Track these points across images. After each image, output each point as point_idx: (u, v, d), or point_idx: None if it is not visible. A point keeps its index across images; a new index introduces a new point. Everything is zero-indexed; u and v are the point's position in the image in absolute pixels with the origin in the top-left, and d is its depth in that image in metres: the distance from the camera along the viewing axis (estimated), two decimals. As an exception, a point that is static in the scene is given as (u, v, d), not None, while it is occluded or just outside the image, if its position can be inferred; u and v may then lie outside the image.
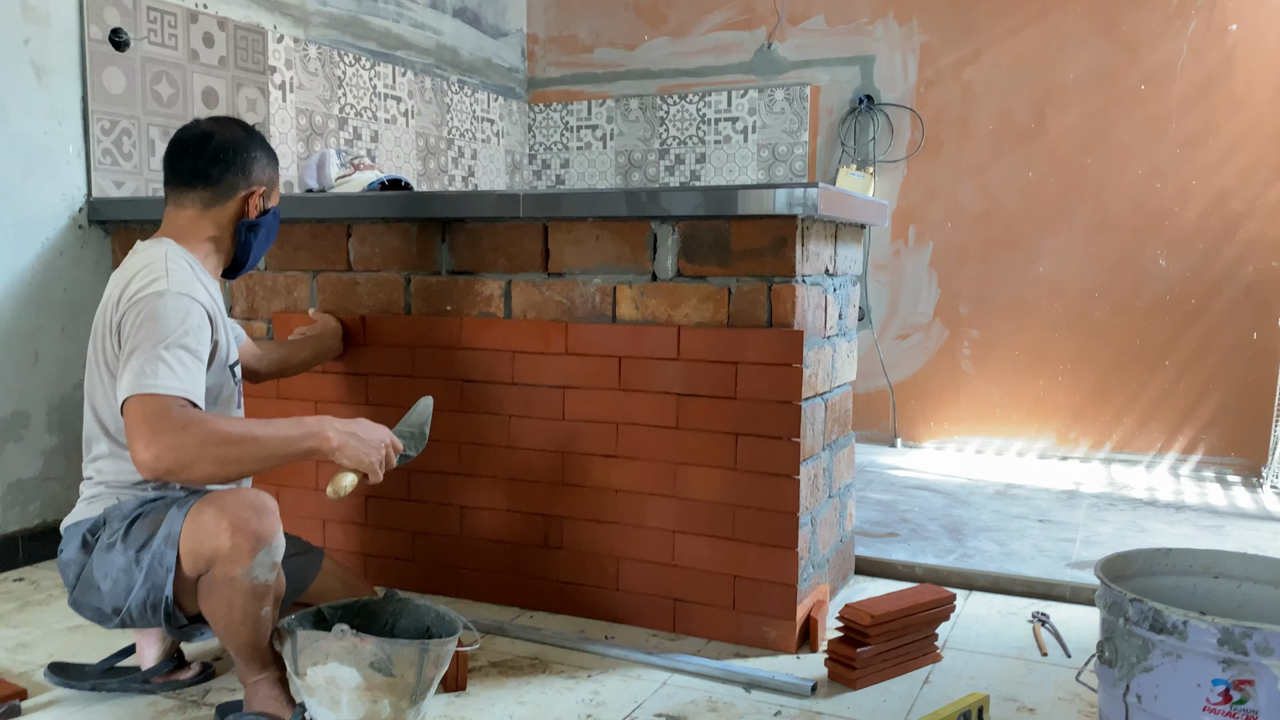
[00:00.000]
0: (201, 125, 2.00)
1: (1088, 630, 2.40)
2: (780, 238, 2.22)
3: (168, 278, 1.81)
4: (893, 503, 3.54)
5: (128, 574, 1.78)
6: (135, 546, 1.78)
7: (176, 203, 1.98)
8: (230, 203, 1.97)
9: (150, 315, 1.75)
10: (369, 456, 1.83)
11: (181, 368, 1.72)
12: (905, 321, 4.63)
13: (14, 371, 2.85)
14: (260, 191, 2.00)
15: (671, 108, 4.99)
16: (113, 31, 3.03)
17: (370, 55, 4.14)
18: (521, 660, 2.21)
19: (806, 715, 1.96)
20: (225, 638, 1.80)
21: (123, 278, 1.87)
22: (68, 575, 1.89)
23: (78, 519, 1.90)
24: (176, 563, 1.75)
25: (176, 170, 1.97)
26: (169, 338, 1.74)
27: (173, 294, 1.79)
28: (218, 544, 1.71)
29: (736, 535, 2.30)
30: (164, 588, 1.76)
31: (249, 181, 1.98)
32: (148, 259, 1.87)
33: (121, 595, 1.80)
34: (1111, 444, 4.32)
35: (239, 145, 1.97)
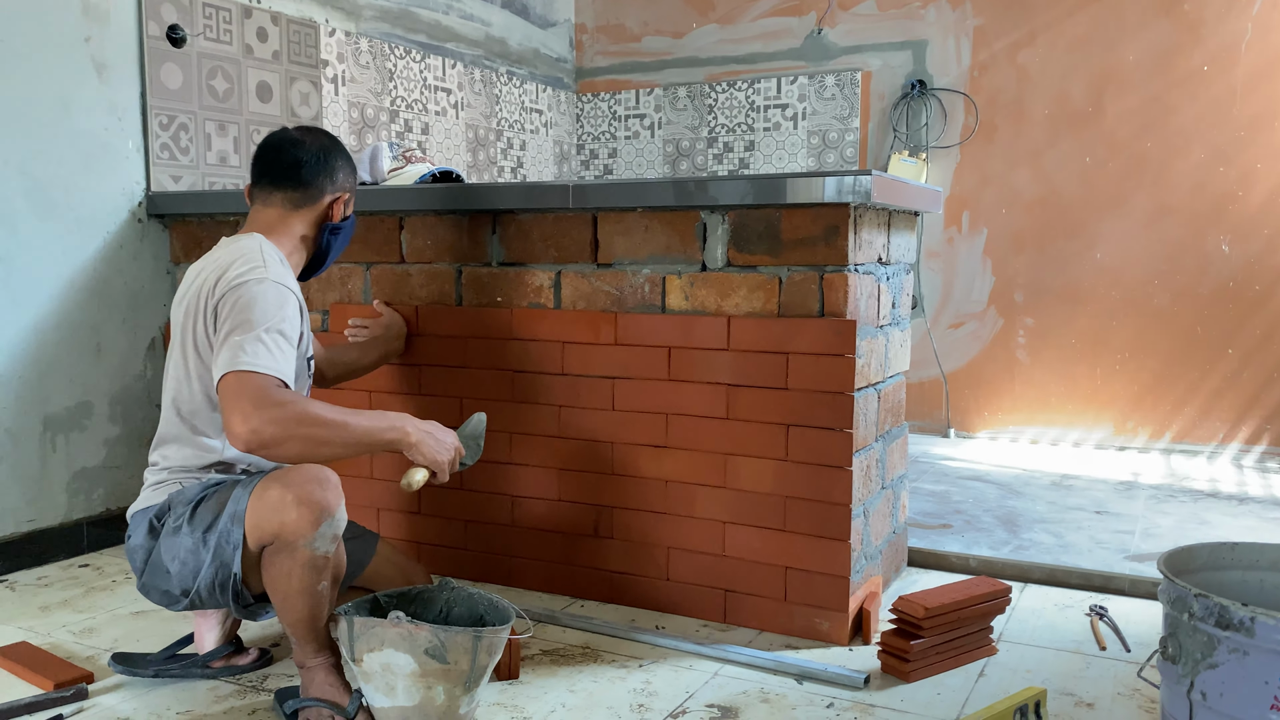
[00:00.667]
0: (293, 132, 2.08)
1: (1147, 624, 2.35)
2: (832, 226, 2.20)
3: (266, 267, 1.89)
4: (946, 494, 3.50)
5: (195, 555, 1.83)
6: (202, 528, 1.83)
7: (264, 201, 2.05)
8: (318, 205, 2.06)
9: (251, 300, 1.82)
10: (441, 455, 1.91)
11: (279, 351, 1.79)
12: (959, 310, 4.57)
13: (78, 363, 2.92)
14: (344, 198, 2.09)
15: (720, 95, 4.96)
16: (170, 28, 3.09)
17: (420, 48, 4.17)
18: (573, 649, 2.23)
19: (859, 707, 1.94)
20: (283, 612, 1.83)
21: (216, 267, 1.92)
22: (135, 561, 1.93)
23: (143, 505, 1.95)
24: (243, 539, 1.79)
25: (267, 169, 2.05)
26: (268, 322, 1.80)
27: (272, 282, 1.86)
28: (284, 517, 1.76)
29: (788, 526, 2.29)
30: (231, 565, 1.81)
31: (335, 187, 2.08)
32: (243, 249, 1.94)
33: (190, 576, 1.84)
34: (1171, 434, 4.23)
35: (328, 152, 2.07)
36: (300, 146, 2.04)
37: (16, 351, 2.76)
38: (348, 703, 1.82)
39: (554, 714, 1.91)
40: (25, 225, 2.76)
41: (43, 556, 2.83)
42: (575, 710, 1.93)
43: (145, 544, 1.91)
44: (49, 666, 2.06)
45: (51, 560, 2.85)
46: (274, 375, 1.75)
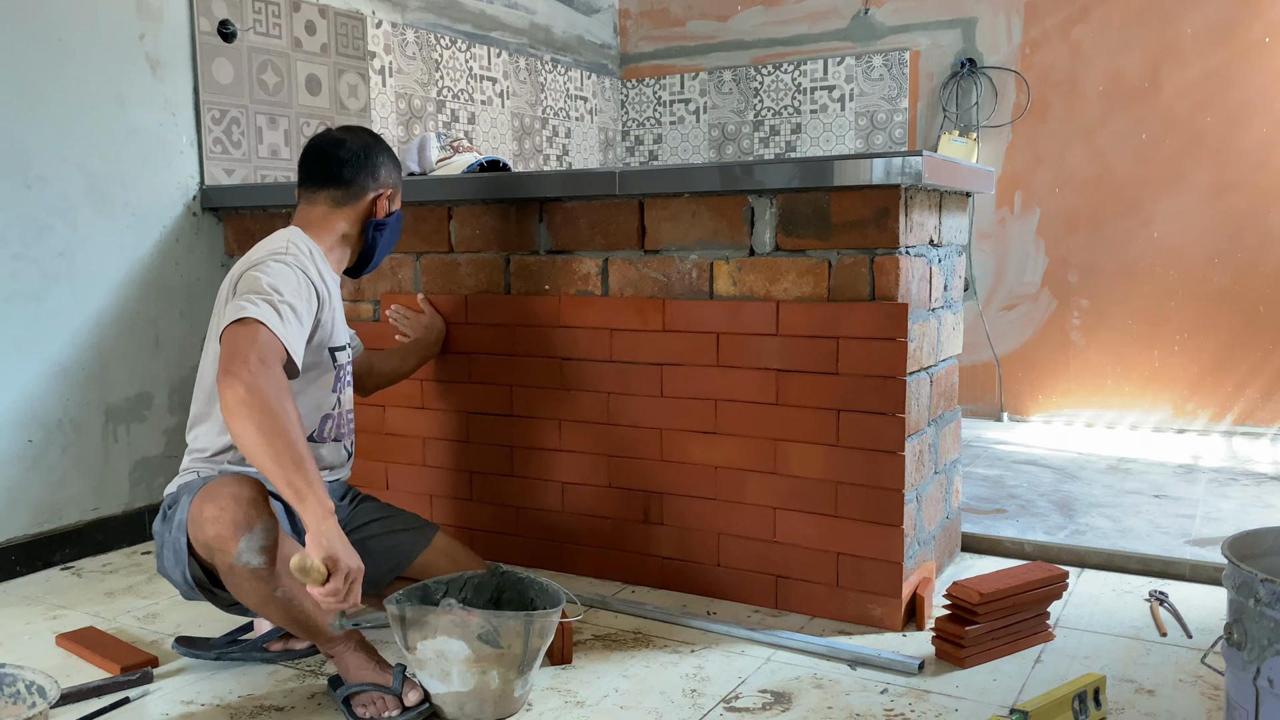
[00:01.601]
0: (334, 132, 2.13)
1: (1209, 610, 2.31)
2: (882, 208, 2.17)
3: (287, 253, 1.95)
4: (1000, 478, 3.46)
5: (173, 549, 1.88)
6: (174, 524, 1.88)
7: (309, 201, 2.10)
8: (361, 203, 2.10)
9: (265, 272, 1.86)
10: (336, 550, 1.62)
11: (287, 319, 1.80)
12: (1011, 292, 4.50)
13: (137, 354, 2.98)
14: (388, 194, 2.12)
15: (766, 78, 4.92)
16: (220, 23, 3.13)
17: (466, 37, 4.19)
18: (625, 634, 2.23)
19: (914, 693, 1.93)
20: (265, 618, 1.86)
21: (245, 259, 1.98)
22: (156, 544, 1.98)
23: (169, 490, 2.01)
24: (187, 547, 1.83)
25: (311, 171, 2.10)
26: (280, 292, 1.82)
27: (291, 262, 1.91)
28: (206, 534, 1.74)
29: (839, 512, 2.27)
30: (187, 569, 1.85)
31: (378, 184, 2.11)
32: (272, 241, 2.01)
33: (178, 568, 1.88)
34: (1233, 416, 4.13)
35: (369, 150, 2.10)
36: (341, 146, 2.08)
37: (79, 343, 2.82)
38: (391, 682, 1.85)
39: (607, 698, 1.92)
40: (85, 220, 2.82)
41: (107, 544, 2.90)
42: (628, 694, 1.94)
43: (159, 529, 1.95)
44: (115, 650, 2.12)
45: (115, 547, 2.92)
46: (277, 333, 1.75)
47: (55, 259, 2.76)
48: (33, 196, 2.69)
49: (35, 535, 2.74)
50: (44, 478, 2.77)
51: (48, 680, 1.63)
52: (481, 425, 2.72)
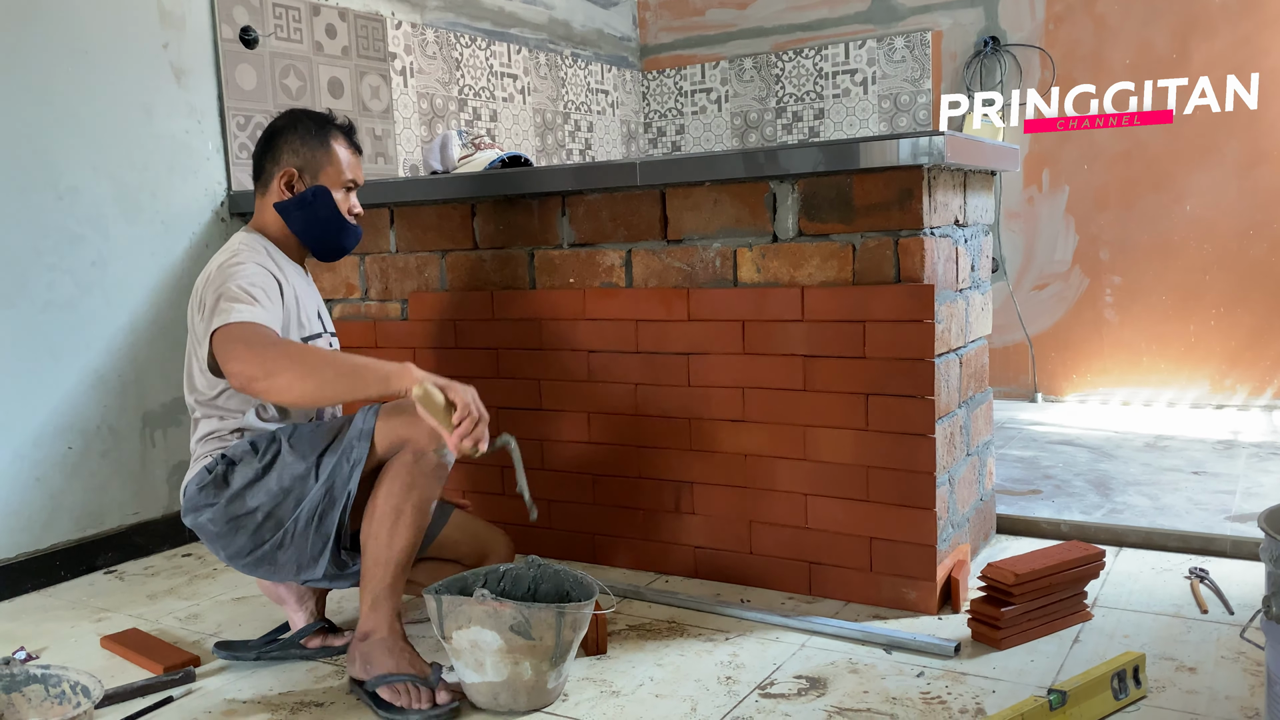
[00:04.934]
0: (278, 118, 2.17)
1: (1251, 586, 2.28)
2: (906, 190, 2.15)
3: (237, 255, 2.00)
4: (1034, 459, 3.42)
5: (303, 481, 1.91)
6: (315, 452, 1.92)
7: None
8: (271, 188, 2.11)
9: (224, 278, 1.92)
10: (462, 394, 1.76)
11: (258, 304, 1.87)
12: (1042, 271, 4.45)
13: (171, 360, 3.02)
14: (290, 173, 2.08)
15: (787, 64, 4.90)
16: (242, 30, 3.16)
17: (485, 35, 4.20)
18: (659, 624, 2.24)
19: (951, 675, 1.92)
20: (391, 540, 1.87)
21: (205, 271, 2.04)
22: (210, 526, 1.98)
23: (192, 475, 2.03)
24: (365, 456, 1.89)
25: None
26: (242, 286, 1.89)
27: (245, 258, 1.98)
28: (416, 430, 1.85)
29: (871, 497, 2.26)
30: (348, 484, 1.89)
31: (278, 165, 2.10)
32: (224, 249, 2.07)
33: (291, 505, 1.92)
34: (1273, 390, 4.07)
35: (274, 132, 2.11)
36: (261, 136, 2.14)
37: (115, 351, 2.87)
38: (429, 673, 1.86)
39: (642, 687, 1.93)
40: (116, 229, 2.86)
41: (148, 547, 2.94)
42: (663, 683, 1.94)
43: (211, 502, 1.95)
44: (158, 651, 2.15)
45: (156, 551, 2.97)
46: (259, 321, 1.83)
47: (89, 268, 2.80)
48: (64, 207, 2.74)
49: (78, 540, 2.79)
50: (85, 484, 2.81)
51: (91, 680, 1.67)
52: (510, 420, 2.73)
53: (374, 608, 1.90)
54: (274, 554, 1.97)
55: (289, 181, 2.08)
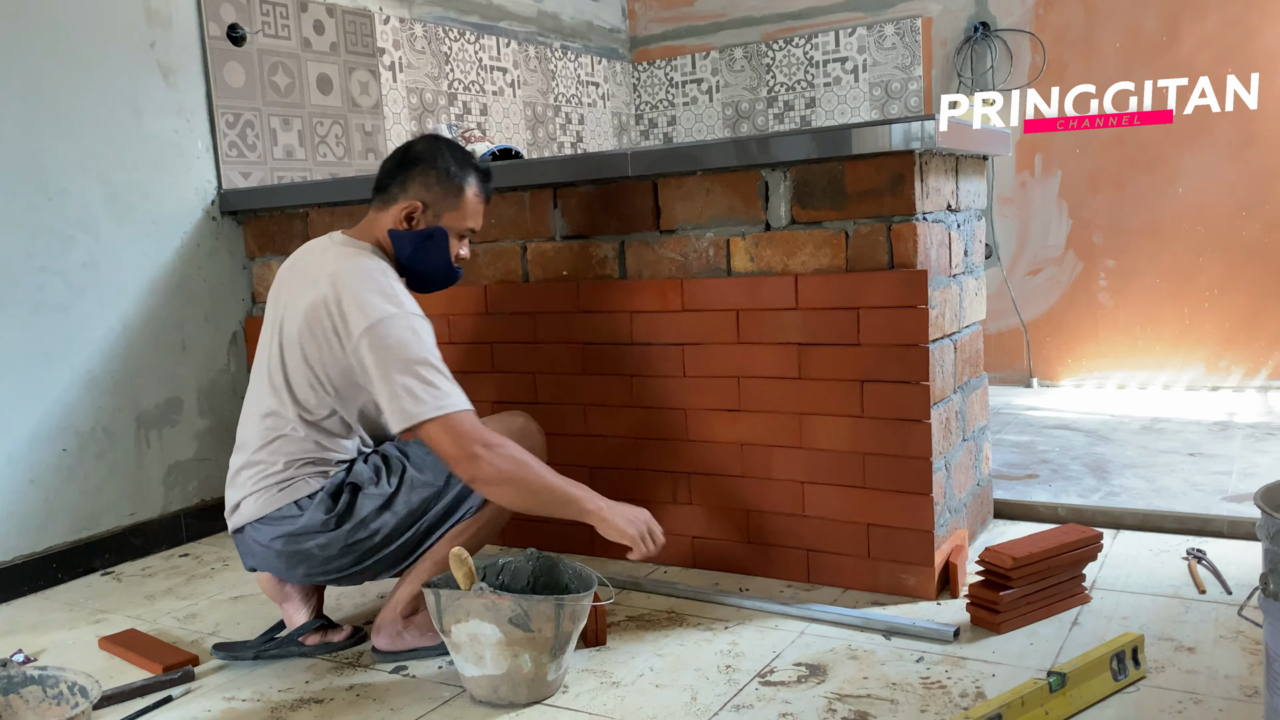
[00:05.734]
0: (419, 142, 2.13)
1: (1249, 566, 2.28)
2: (897, 175, 2.15)
3: (394, 291, 1.97)
4: (1031, 444, 3.43)
5: (432, 501, 2.02)
6: (444, 474, 2.01)
7: (370, 204, 2.13)
8: (390, 211, 2.08)
9: (406, 332, 1.91)
10: (631, 529, 1.97)
11: (453, 381, 1.93)
12: (1035, 256, 4.45)
13: (165, 360, 3.01)
14: (413, 207, 2.05)
15: (777, 53, 4.89)
16: (230, 27, 3.15)
17: (474, 28, 4.19)
18: (658, 614, 2.24)
19: (950, 660, 1.92)
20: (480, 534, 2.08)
21: (334, 283, 1.96)
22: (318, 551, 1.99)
23: (274, 508, 1.99)
24: None
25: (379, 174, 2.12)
26: (435, 356, 1.93)
27: (414, 313, 1.96)
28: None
29: (868, 483, 2.26)
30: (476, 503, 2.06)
31: (405, 193, 2.06)
32: (364, 273, 1.98)
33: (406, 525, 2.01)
34: (1268, 371, 4.07)
35: (413, 158, 2.07)
36: (394, 151, 2.11)
37: (108, 352, 2.86)
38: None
39: (642, 677, 1.93)
40: (107, 230, 2.85)
41: (145, 548, 2.94)
42: (663, 673, 1.94)
43: (331, 526, 1.98)
44: (157, 651, 2.15)
45: (154, 551, 2.96)
46: (469, 409, 1.90)
47: (80, 270, 2.79)
48: (54, 209, 2.73)
49: (75, 542, 2.78)
50: (80, 485, 2.81)
51: (89, 681, 1.66)
52: (507, 414, 2.72)
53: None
54: (369, 569, 2.04)
55: (410, 214, 2.06)
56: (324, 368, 1.98)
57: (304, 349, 1.99)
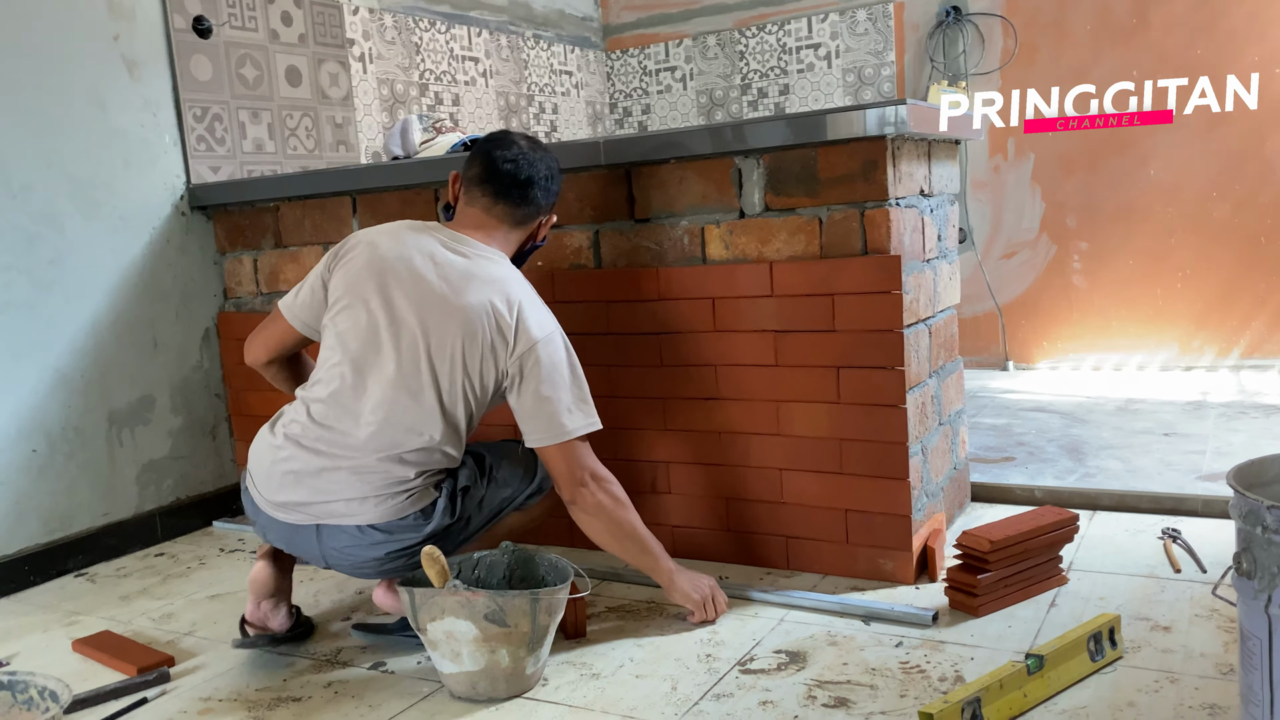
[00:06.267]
0: (526, 147, 2.08)
1: (1223, 544, 2.30)
2: (870, 161, 2.15)
3: (547, 312, 2.02)
4: (1007, 427, 3.44)
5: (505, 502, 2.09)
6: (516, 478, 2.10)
7: (488, 210, 2.06)
8: (531, 225, 2.12)
9: (562, 360, 1.97)
10: (695, 594, 2.09)
11: (593, 409, 2.01)
12: (1010, 239, 4.47)
13: (136, 358, 2.98)
14: (552, 219, 2.18)
15: (750, 40, 4.87)
16: (195, 20, 3.10)
17: (445, 18, 4.15)
18: (638, 604, 2.23)
19: (929, 644, 1.93)
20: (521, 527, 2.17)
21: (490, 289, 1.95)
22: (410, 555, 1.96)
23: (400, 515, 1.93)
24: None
25: (505, 182, 2.04)
26: (581, 380, 2.00)
27: (561, 332, 2.01)
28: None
29: (845, 469, 2.26)
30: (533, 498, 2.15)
31: (550, 211, 2.15)
32: (521, 283, 2.02)
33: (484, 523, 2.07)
34: (1240, 350, 4.11)
35: (554, 177, 2.11)
36: (535, 168, 2.06)
37: (77, 350, 2.82)
38: None
39: (622, 669, 1.93)
40: (73, 226, 2.81)
41: (119, 548, 2.91)
42: (643, 664, 1.94)
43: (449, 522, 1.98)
44: (131, 652, 2.12)
45: (128, 551, 2.93)
46: (596, 426, 1.99)
47: (46, 267, 2.75)
48: (18, 205, 2.68)
49: (47, 544, 2.75)
50: (52, 486, 2.77)
51: (60, 685, 1.64)
52: (483, 406, 2.71)
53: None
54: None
55: (549, 225, 2.17)
56: (480, 375, 1.94)
57: (465, 354, 1.93)
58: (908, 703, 1.71)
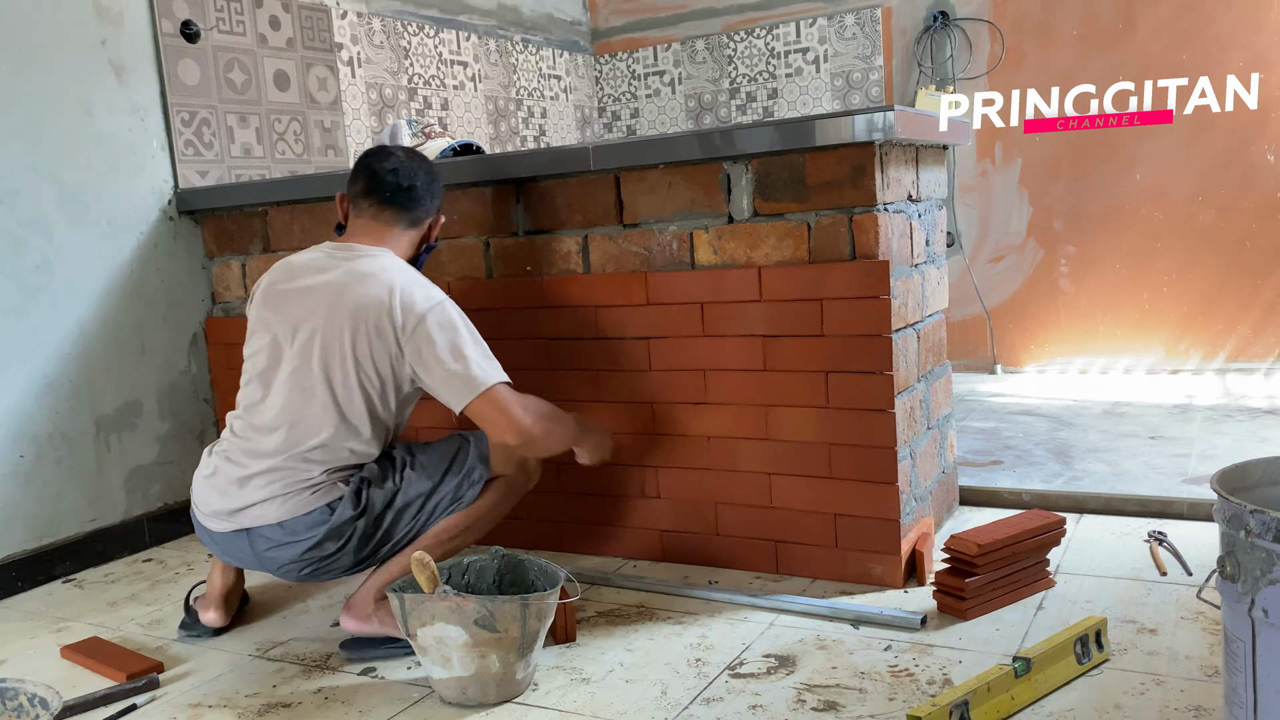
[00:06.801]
0: (403, 155, 2.20)
1: (1209, 547, 2.31)
2: (858, 166, 2.16)
3: (431, 287, 2.09)
4: (995, 430, 3.46)
5: (425, 499, 2.08)
6: (437, 475, 2.10)
7: (375, 217, 2.17)
8: (422, 226, 2.23)
9: (450, 322, 2.03)
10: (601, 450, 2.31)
11: (491, 356, 2.06)
12: (997, 243, 4.49)
13: (124, 363, 2.97)
14: (441, 220, 2.29)
15: (739, 44, 4.89)
16: (183, 24, 3.10)
17: (433, 22, 4.15)
18: (628, 609, 2.24)
19: (918, 648, 1.93)
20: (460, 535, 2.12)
21: (371, 283, 2.03)
22: (330, 545, 2.02)
23: (305, 511, 2.01)
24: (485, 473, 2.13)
25: (382, 188, 2.16)
26: (474, 336, 2.05)
27: (448, 300, 2.07)
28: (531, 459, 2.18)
29: (834, 473, 2.27)
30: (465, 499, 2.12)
31: (436, 211, 2.26)
32: (402, 270, 2.09)
33: (406, 521, 2.07)
34: (1225, 353, 4.14)
35: (435, 180, 2.23)
36: (415, 174, 2.18)
37: (64, 355, 2.81)
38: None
39: (612, 673, 1.93)
40: (60, 231, 2.80)
41: (107, 554, 2.90)
42: (633, 668, 1.94)
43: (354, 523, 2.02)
44: (120, 659, 2.12)
45: (116, 557, 2.92)
46: (508, 381, 2.03)
47: (33, 272, 2.74)
48: (4, 211, 2.67)
49: (34, 550, 2.74)
50: (39, 492, 2.76)
51: (50, 692, 1.63)
52: (472, 411, 2.71)
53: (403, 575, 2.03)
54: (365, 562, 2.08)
55: (439, 226, 2.28)
56: (374, 364, 2.02)
57: (354, 348, 2.01)
58: (896, 706, 1.72)
